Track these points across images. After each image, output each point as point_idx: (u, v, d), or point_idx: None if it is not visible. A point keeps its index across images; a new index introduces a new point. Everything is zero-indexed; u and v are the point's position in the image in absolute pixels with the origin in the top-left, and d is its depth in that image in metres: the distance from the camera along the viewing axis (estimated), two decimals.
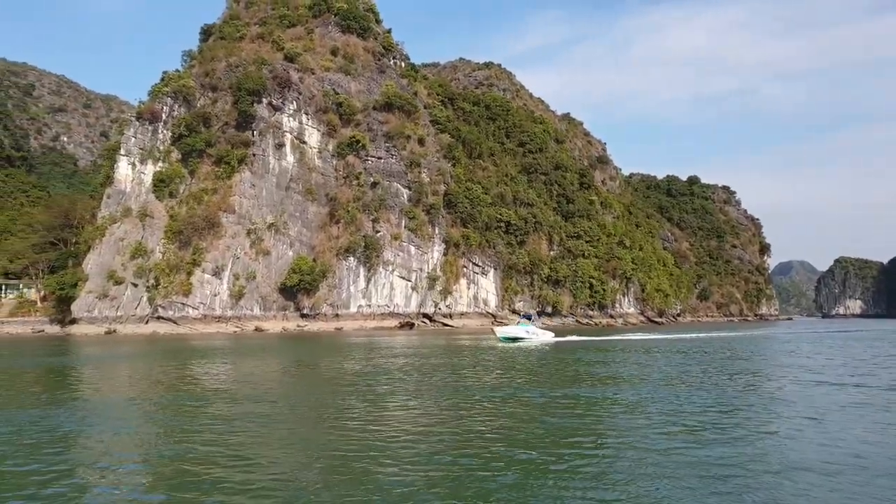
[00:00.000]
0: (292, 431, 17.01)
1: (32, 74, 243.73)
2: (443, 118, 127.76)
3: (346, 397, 23.43)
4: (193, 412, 19.90)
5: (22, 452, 14.72)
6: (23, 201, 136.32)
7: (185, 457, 14.12)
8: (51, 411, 20.10)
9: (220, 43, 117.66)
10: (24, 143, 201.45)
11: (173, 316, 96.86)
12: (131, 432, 17.22)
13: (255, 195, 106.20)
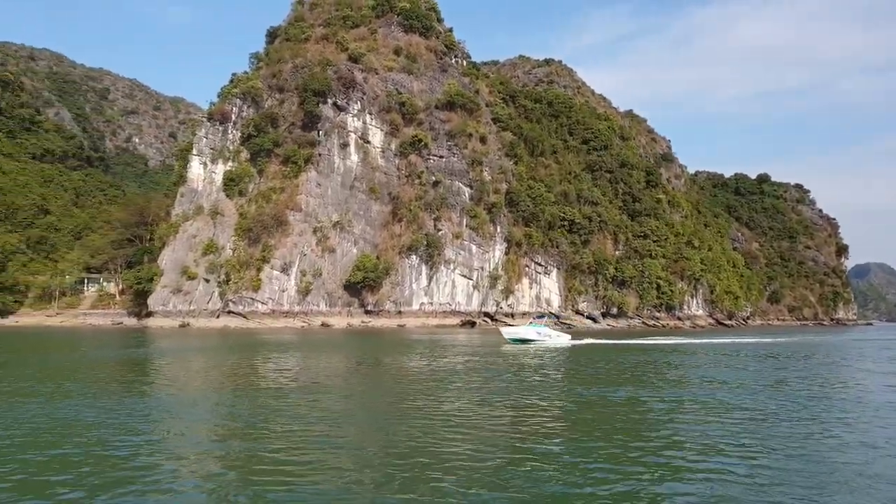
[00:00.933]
0: (361, 428, 17.43)
1: (108, 79, 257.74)
2: (504, 116, 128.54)
3: (412, 395, 23.71)
4: (263, 407, 20.47)
5: (100, 439, 15.37)
6: (101, 199, 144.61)
7: (254, 450, 14.51)
8: (130, 401, 21.35)
9: (286, 45, 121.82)
10: (101, 144, 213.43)
11: (243, 310, 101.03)
12: (204, 425, 17.93)
13: (320, 194, 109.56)
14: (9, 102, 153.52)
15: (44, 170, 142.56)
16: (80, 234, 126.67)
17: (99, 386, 25.92)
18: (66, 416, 18.42)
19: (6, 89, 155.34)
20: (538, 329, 57.01)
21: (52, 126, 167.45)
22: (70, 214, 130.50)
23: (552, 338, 56.88)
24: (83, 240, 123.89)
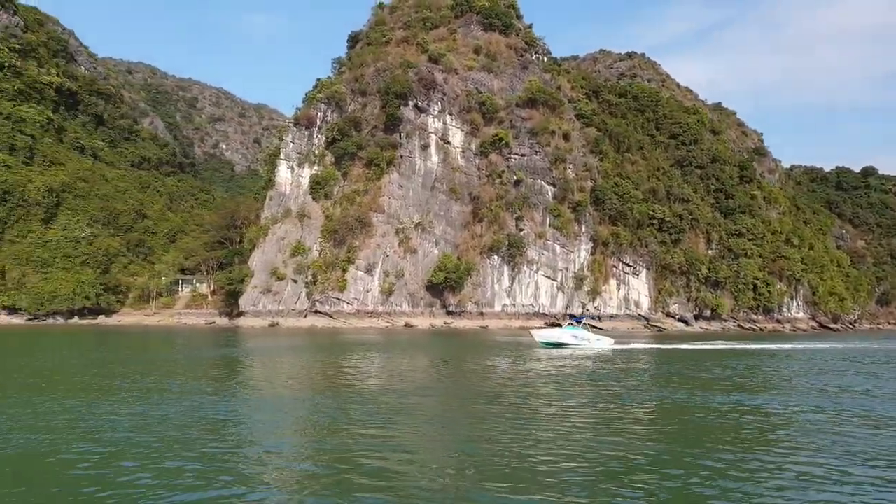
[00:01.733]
0: (448, 431, 17.48)
1: (196, 88, 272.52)
2: (588, 112, 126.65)
3: (500, 397, 23.62)
4: (353, 407, 20.95)
5: (192, 436, 16.01)
6: (193, 204, 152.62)
7: (340, 448, 14.88)
8: (228, 399, 22.35)
9: (368, 49, 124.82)
10: (190, 150, 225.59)
11: (329, 310, 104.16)
12: (293, 422, 18.60)
13: (402, 195, 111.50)
14: (110, 114, 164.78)
15: (141, 176, 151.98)
16: (174, 237, 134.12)
17: (202, 384, 27.29)
18: (165, 413, 19.35)
19: (108, 102, 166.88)
20: (574, 332, 54.13)
21: (148, 135, 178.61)
22: (165, 218, 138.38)
23: (591, 341, 54.00)
24: (177, 242, 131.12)
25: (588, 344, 53.26)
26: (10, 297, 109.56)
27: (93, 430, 16.28)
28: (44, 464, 13.26)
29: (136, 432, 16.17)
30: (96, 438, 15.22)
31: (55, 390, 24.49)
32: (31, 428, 16.70)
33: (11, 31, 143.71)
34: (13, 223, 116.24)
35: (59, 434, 15.74)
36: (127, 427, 16.79)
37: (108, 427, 16.80)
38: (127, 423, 17.29)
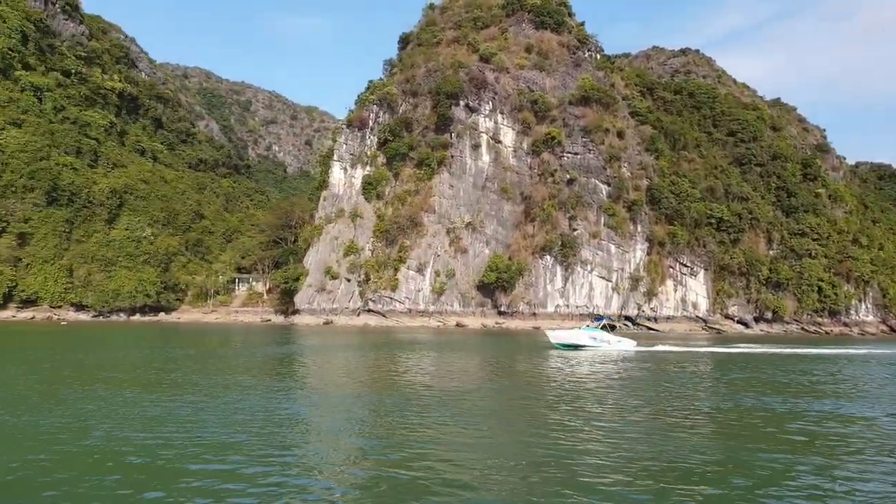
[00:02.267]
0: (503, 432, 17.41)
1: (250, 92, 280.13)
2: (643, 109, 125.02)
3: (551, 398, 23.45)
4: (408, 405, 21.18)
5: (250, 436, 16.14)
6: (248, 205, 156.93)
7: (400, 448, 14.96)
8: (281, 397, 22.82)
9: (419, 49, 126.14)
10: (244, 152, 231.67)
11: (382, 309, 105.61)
12: (347, 422, 18.69)
13: (453, 195, 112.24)
14: (169, 117, 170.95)
15: (198, 178, 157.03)
16: (230, 236, 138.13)
17: (273, 381, 28.09)
18: (228, 410, 19.83)
19: (167, 105, 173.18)
20: (593, 333, 51.58)
21: (204, 137, 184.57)
22: (222, 219, 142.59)
23: (611, 343, 51.23)
24: (234, 242, 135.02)
25: (608, 346, 50.78)
26: (78, 294, 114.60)
27: (196, 427, 16.91)
28: (164, 460, 13.88)
29: (226, 429, 16.79)
30: (198, 437, 15.76)
31: (153, 386, 25.69)
32: (133, 423, 17.62)
33: (78, 40, 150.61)
34: (80, 223, 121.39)
35: (172, 431, 16.42)
36: (218, 423, 17.44)
37: (204, 423, 17.53)
38: (216, 419, 17.96)
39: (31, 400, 20.87)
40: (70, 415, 18.29)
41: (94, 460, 13.57)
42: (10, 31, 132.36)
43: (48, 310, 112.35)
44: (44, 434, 15.74)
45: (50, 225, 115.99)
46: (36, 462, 13.31)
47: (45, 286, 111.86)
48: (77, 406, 19.74)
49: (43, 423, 16.97)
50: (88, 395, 21.89)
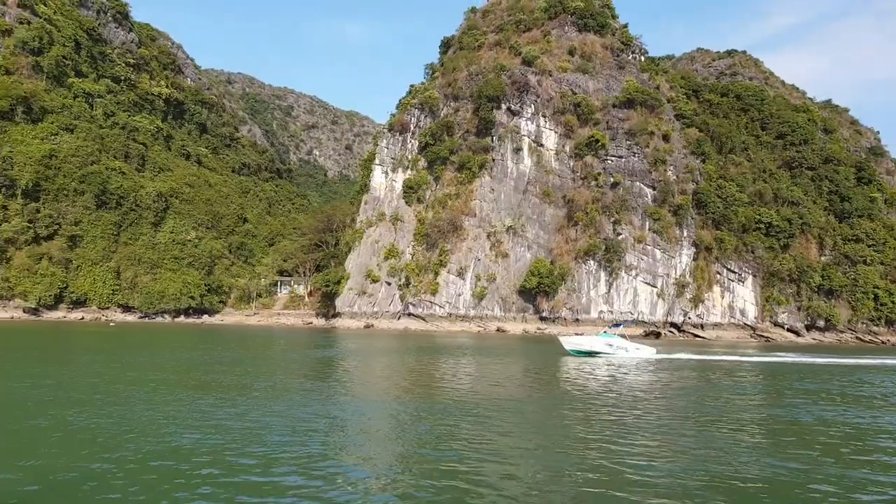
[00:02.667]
0: (549, 442, 16.97)
1: (291, 97, 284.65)
2: (688, 112, 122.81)
3: (596, 407, 23.02)
4: (451, 411, 20.94)
5: (289, 438, 16.28)
6: (290, 208, 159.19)
7: (442, 457, 14.76)
8: (321, 400, 22.91)
9: (461, 53, 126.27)
10: (286, 157, 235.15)
11: (422, 313, 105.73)
12: (387, 427, 18.72)
13: (494, 199, 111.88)
14: (213, 122, 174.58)
15: (242, 182, 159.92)
16: (273, 240, 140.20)
17: (328, 385, 28.49)
18: (275, 413, 20.02)
19: (211, 111, 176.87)
20: (610, 340, 50.18)
21: (247, 142, 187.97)
22: (264, 222, 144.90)
23: (629, 350, 49.55)
24: (276, 245, 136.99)
25: (625, 353, 49.13)
26: (125, 295, 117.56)
27: (255, 430, 17.05)
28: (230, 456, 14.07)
29: (289, 435, 16.78)
30: (263, 440, 15.84)
31: (211, 389, 26.09)
32: (196, 426, 17.82)
33: (127, 47, 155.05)
34: (127, 226, 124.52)
35: (228, 433, 16.53)
36: (284, 430, 17.43)
37: (266, 428, 17.57)
38: (280, 424, 18.00)
39: (102, 400, 21.33)
40: (141, 416, 18.61)
41: (163, 463, 13.71)
42: (64, 40, 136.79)
43: (96, 311, 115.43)
44: (119, 433, 16.05)
45: (99, 228, 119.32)
46: (109, 461, 13.53)
47: (94, 288, 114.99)
48: (148, 408, 20.10)
49: (117, 423, 17.32)
50: (155, 397, 22.36)
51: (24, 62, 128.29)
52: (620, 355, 48.66)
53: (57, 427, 16.72)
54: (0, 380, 25.48)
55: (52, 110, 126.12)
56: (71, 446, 14.71)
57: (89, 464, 13.26)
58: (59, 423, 17.11)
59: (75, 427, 16.81)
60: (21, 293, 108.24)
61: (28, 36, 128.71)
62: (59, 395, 21.86)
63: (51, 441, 15.12)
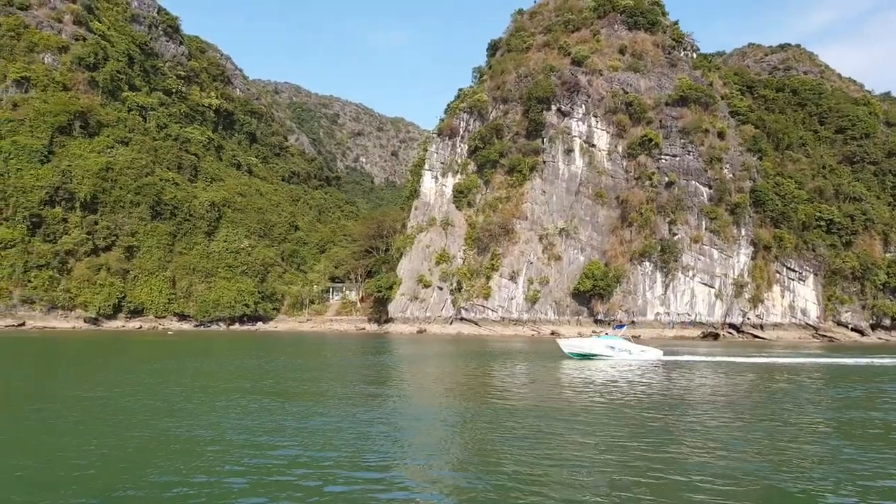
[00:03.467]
0: (608, 452, 16.12)
1: (337, 105, 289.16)
2: (743, 108, 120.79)
3: (659, 415, 21.89)
4: (500, 419, 20.20)
5: (340, 445, 16.04)
6: (339, 215, 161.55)
7: (499, 467, 14.26)
8: (376, 407, 22.67)
9: (509, 56, 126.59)
10: (333, 164, 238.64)
11: (475, 318, 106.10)
12: (441, 433, 18.37)
13: (545, 201, 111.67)
14: (262, 132, 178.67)
15: (292, 190, 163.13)
16: (323, 247, 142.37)
17: (381, 391, 28.07)
18: (332, 419, 19.82)
19: (260, 120, 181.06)
20: (611, 342, 48.05)
21: (296, 151, 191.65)
22: (315, 230, 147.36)
23: (632, 352, 47.57)
24: (327, 252, 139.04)
25: (628, 356, 47.08)
26: (180, 304, 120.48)
27: (325, 438, 17.00)
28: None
29: (357, 440, 16.70)
30: (326, 450, 15.62)
31: (289, 396, 26.50)
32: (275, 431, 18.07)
33: (178, 60, 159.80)
34: (181, 236, 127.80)
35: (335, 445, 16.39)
36: (346, 435, 17.37)
37: (331, 434, 17.45)
38: (346, 429, 18.01)
39: (194, 410, 21.39)
40: (237, 425, 18.52)
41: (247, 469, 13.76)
42: (117, 55, 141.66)
43: (153, 320, 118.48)
44: (221, 443, 16.07)
45: (155, 238, 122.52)
46: (230, 472, 13.52)
47: (151, 297, 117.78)
48: (240, 416, 20.05)
49: (217, 433, 17.25)
50: (243, 405, 22.32)
51: (80, 78, 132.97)
52: (623, 358, 46.76)
53: (161, 436, 16.73)
54: (93, 390, 25.96)
55: (108, 124, 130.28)
56: (185, 457, 14.61)
57: (217, 477, 13.10)
58: (161, 433, 17.13)
59: (179, 436, 16.83)
60: (82, 303, 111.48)
61: (84, 52, 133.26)
62: (152, 405, 22.02)
63: (164, 451, 15.17)
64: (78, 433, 17.08)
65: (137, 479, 12.79)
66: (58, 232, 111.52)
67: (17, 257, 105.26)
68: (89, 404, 21.98)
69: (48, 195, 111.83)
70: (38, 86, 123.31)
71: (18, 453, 14.95)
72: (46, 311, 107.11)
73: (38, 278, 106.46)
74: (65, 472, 13.23)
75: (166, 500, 11.63)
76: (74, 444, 15.79)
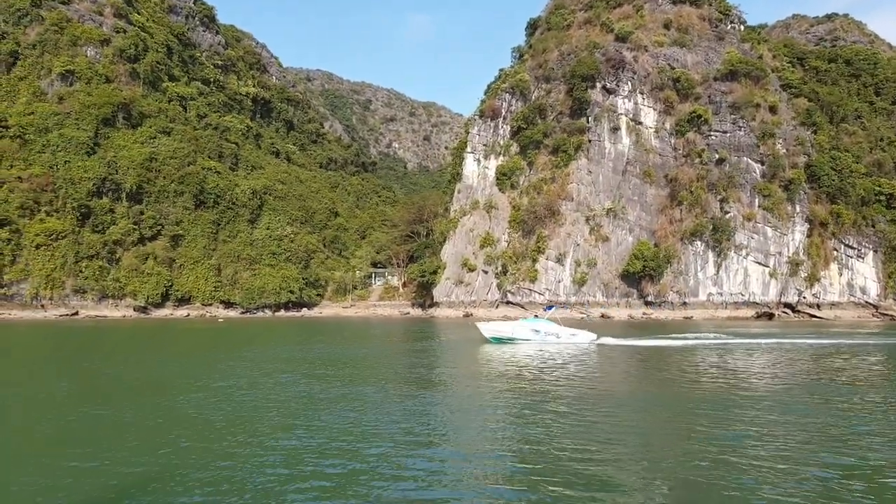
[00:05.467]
0: (649, 440, 15.42)
1: (369, 91, 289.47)
2: (795, 81, 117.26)
3: (716, 402, 20.35)
4: (560, 412, 18.93)
5: (390, 434, 15.66)
6: (377, 201, 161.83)
7: (549, 461, 13.50)
8: (422, 396, 21.87)
9: (549, 34, 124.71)
10: (366, 150, 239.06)
11: (521, 301, 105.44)
12: (493, 421, 17.62)
13: (591, 181, 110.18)
14: (299, 119, 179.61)
15: (330, 177, 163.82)
16: (364, 232, 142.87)
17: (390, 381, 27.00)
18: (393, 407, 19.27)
19: (297, 108, 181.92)
20: (536, 325, 44.15)
21: (332, 137, 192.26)
22: (354, 216, 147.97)
23: (561, 336, 43.23)
24: (368, 238, 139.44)
25: (555, 340, 43.04)
26: (226, 292, 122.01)
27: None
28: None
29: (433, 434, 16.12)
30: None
31: (368, 381, 26.45)
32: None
33: (215, 49, 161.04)
34: (225, 224, 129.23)
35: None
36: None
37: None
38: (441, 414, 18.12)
39: (293, 401, 20.91)
40: (345, 418, 17.88)
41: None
42: (157, 46, 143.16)
43: (200, 307, 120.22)
44: (324, 433, 15.77)
45: (199, 227, 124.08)
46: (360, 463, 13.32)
47: (197, 285, 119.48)
48: (342, 407, 19.49)
49: (316, 426, 16.75)
50: (332, 394, 21.83)
51: (121, 70, 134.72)
52: (550, 342, 42.90)
53: (279, 432, 16.17)
54: (221, 379, 25.58)
55: (150, 114, 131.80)
56: (306, 455, 14.06)
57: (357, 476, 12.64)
58: (269, 427, 16.70)
59: (293, 428, 16.50)
60: (131, 292, 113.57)
61: (125, 44, 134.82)
62: (250, 399, 20.95)
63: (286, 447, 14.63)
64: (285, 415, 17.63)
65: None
66: (105, 222, 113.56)
67: (69, 248, 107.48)
68: (234, 393, 21.98)
69: (95, 186, 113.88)
70: (82, 79, 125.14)
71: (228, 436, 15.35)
72: (98, 301, 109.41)
73: (88, 268, 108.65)
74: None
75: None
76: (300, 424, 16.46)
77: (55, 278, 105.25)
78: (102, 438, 15.11)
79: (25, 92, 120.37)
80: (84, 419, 17.67)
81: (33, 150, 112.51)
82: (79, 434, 15.83)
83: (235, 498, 11.09)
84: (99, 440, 14.93)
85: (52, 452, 13.99)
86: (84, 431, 16.10)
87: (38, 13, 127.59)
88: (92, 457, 13.41)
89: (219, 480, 11.95)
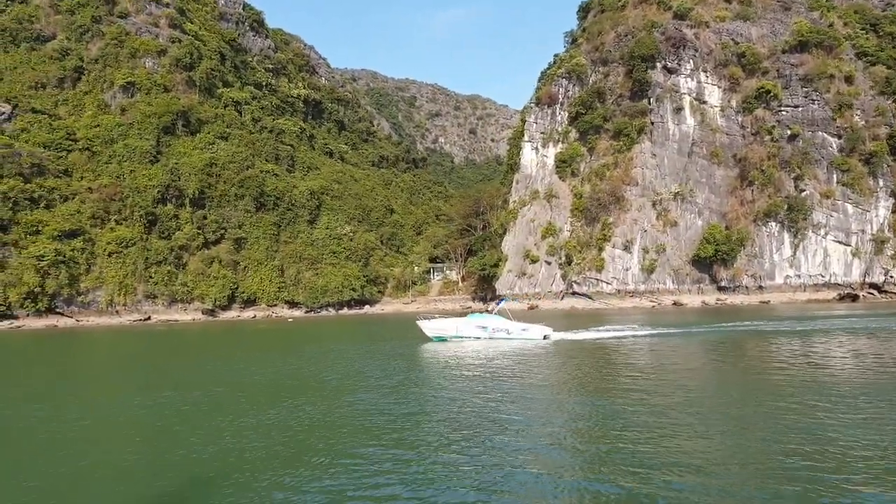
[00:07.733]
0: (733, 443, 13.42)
1: (414, 87, 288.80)
2: (872, 48, 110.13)
3: (796, 393, 17.87)
4: (633, 406, 17.16)
5: (447, 432, 14.84)
6: (429, 196, 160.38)
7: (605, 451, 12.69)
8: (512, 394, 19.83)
9: (604, 16, 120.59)
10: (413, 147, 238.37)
11: (588, 291, 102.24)
12: (561, 418, 16.27)
13: (656, 165, 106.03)
14: (350, 118, 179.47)
15: (383, 174, 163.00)
16: (419, 228, 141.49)
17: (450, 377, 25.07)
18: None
19: (347, 108, 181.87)
20: (483, 321, 39.77)
21: (382, 135, 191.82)
22: (409, 212, 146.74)
23: (511, 332, 38.60)
24: (424, 233, 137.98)
25: (505, 336, 38.61)
26: (290, 292, 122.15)
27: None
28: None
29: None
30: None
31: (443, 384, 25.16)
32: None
33: (265, 53, 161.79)
34: (285, 225, 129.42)
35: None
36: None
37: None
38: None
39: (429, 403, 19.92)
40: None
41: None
42: (210, 54, 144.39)
43: (265, 308, 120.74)
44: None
45: (261, 229, 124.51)
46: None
47: (262, 286, 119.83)
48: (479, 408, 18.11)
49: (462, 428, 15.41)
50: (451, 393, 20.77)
51: (178, 78, 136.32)
52: (499, 338, 38.67)
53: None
54: (343, 380, 24.47)
55: (207, 121, 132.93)
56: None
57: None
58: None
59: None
60: (199, 295, 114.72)
61: (180, 53, 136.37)
62: (379, 403, 19.26)
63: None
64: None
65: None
66: (171, 228, 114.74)
67: (138, 255, 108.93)
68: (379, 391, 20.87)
69: (160, 193, 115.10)
70: (142, 89, 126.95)
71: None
72: (168, 305, 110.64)
73: (157, 274, 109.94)
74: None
75: None
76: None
77: (127, 284, 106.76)
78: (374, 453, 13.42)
79: (91, 105, 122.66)
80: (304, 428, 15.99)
81: (101, 161, 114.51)
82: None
83: None
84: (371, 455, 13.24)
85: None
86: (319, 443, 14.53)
87: (99, 28, 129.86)
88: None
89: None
